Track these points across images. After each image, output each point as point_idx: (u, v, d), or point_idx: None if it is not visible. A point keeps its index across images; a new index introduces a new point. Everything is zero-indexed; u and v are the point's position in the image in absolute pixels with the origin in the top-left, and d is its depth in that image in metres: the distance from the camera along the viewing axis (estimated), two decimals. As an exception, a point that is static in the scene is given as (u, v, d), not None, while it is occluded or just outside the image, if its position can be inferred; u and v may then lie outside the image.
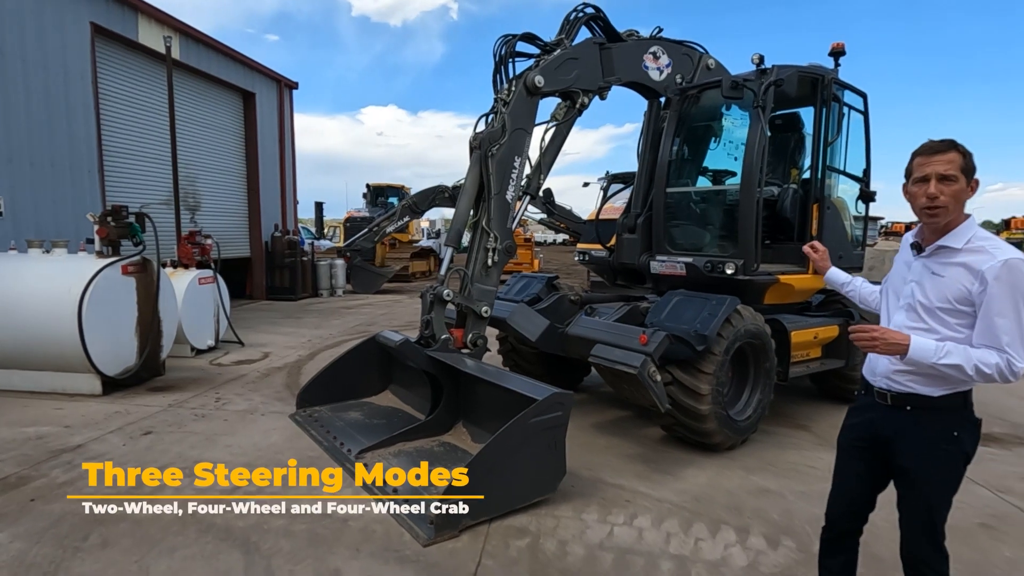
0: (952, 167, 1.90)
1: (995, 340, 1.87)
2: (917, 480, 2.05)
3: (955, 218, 1.96)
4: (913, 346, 1.89)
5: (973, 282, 1.90)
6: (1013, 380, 1.90)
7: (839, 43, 5.24)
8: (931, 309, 1.98)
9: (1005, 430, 5.17)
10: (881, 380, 2.10)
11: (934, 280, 1.98)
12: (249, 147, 12.91)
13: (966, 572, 2.95)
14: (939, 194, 1.91)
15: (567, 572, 2.92)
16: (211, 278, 7.69)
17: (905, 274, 2.11)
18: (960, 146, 1.94)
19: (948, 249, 1.97)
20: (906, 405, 2.04)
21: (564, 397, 3.52)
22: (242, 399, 5.68)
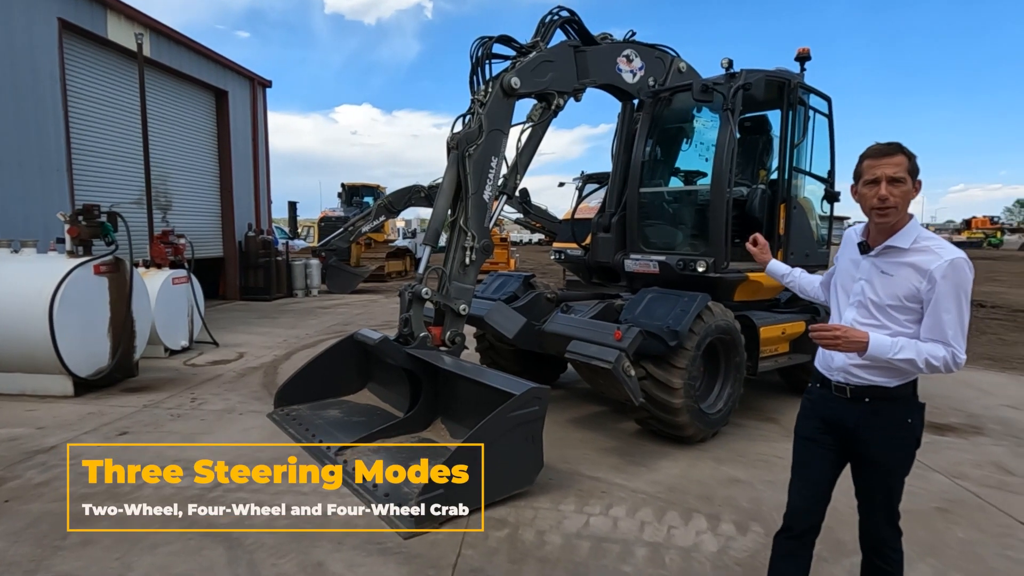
0: (900, 169, 2.00)
1: (941, 335, 1.98)
2: (881, 467, 2.15)
3: (902, 219, 2.06)
4: (872, 343, 1.98)
5: (921, 281, 1.99)
6: (955, 370, 2.02)
7: (804, 48, 5.42)
8: (882, 306, 2.08)
9: (962, 420, 5.40)
10: (839, 374, 2.17)
11: (884, 279, 2.08)
12: (222, 146, 12.76)
13: (922, 553, 3.11)
14: (889, 195, 1.99)
15: (545, 560, 3.01)
16: (185, 278, 7.62)
17: (854, 272, 2.19)
18: (906, 149, 2.04)
19: (896, 249, 2.06)
20: (865, 397, 2.12)
21: (541, 392, 3.61)
22: (219, 399, 5.66)
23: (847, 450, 2.22)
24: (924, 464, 4.35)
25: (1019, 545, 3.23)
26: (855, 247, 2.21)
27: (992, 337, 9.81)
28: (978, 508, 3.68)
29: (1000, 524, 3.47)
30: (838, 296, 2.27)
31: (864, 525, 2.26)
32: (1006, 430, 5.14)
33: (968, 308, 2.01)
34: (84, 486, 3.64)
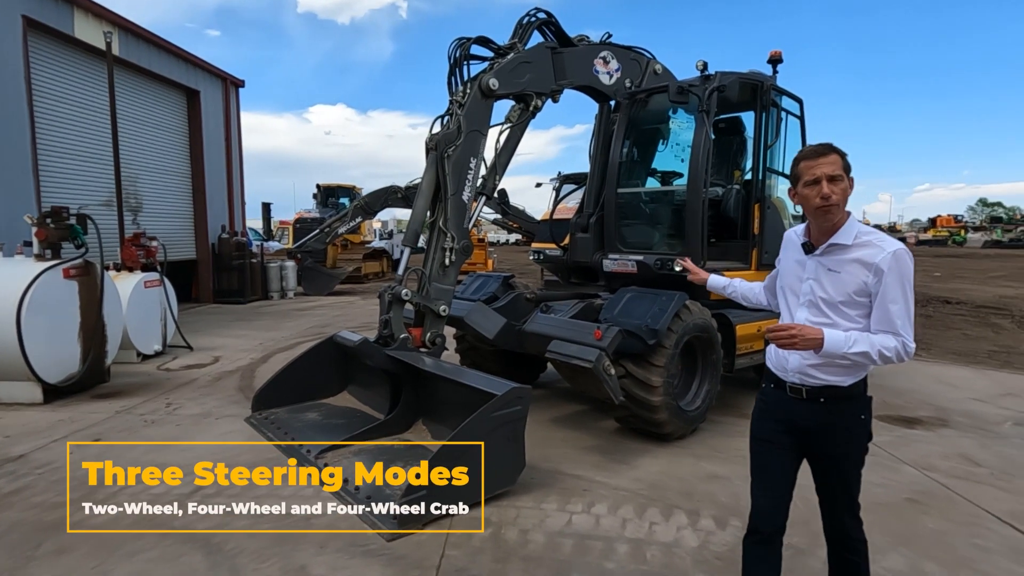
0: (836, 167, 2.05)
1: (891, 325, 2.02)
2: (839, 464, 2.19)
3: (842, 216, 2.10)
4: (827, 340, 2.00)
5: (868, 274, 2.03)
6: (907, 359, 2.06)
7: (776, 51, 5.54)
8: (833, 303, 2.10)
9: (931, 413, 5.55)
10: (794, 376, 2.19)
11: (831, 276, 2.10)
12: (194, 146, 12.55)
13: (894, 543, 3.20)
14: (831, 193, 2.03)
15: (529, 559, 3.03)
16: (157, 281, 7.48)
17: (800, 272, 2.22)
18: (837, 148, 2.10)
19: (839, 246, 2.10)
20: (820, 397, 2.15)
21: (523, 392, 3.63)
22: (194, 404, 5.57)
23: (804, 449, 2.25)
24: (895, 457, 4.48)
25: (987, 534, 3.34)
26: (798, 248, 2.24)
27: (957, 333, 10.10)
28: (947, 499, 3.79)
29: (968, 514, 3.58)
30: (787, 298, 2.30)
31: (829, 520, 2.30)
32: (972, 423, 5.30)
33: (912, 297, 2.06)
34: (58, 493, 3.57)
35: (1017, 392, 6.33)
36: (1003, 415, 5.52)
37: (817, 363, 2.12)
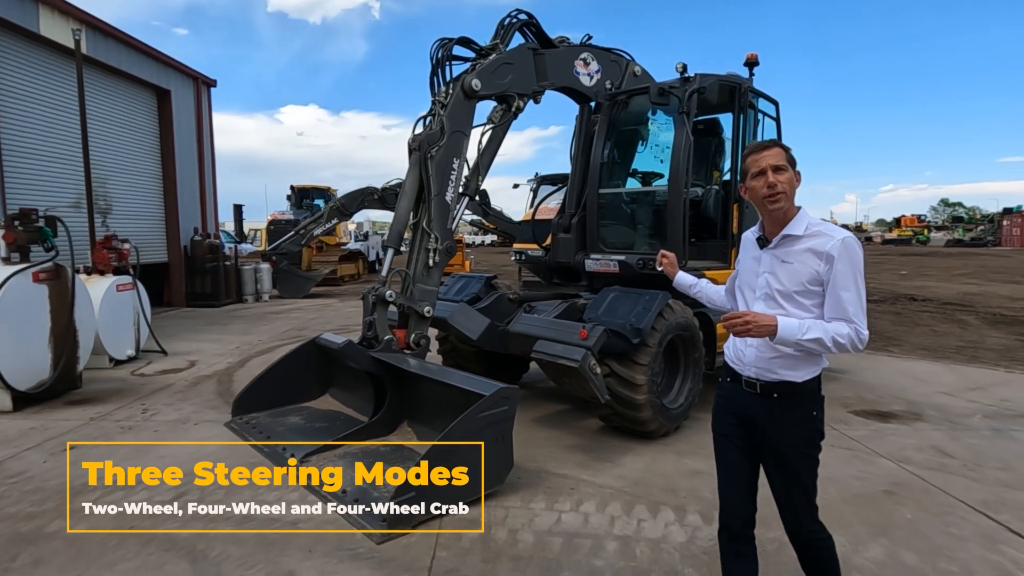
0: (781, 158, 2.11)
1: (843, 312, 2.05)
2: (792, 461, 2.18)
3: (790, 208, 2.14)
4: (781, 326, 2.02)
5: (820, 263, 2.06)
6: (861, 348, 2.08)
7: (753, 54, 5.63)
8: (788, 294, 2.13)
9: (902, 407, 5.70)
10: (750, 369, 2.21)
11: (785, 267, 2.13)
12: (165, 147, 12.30)
13: (874, 534, 3.29)
14: (777, 182, 2.09)
15: (519, 558, 3.03)
16: (130, 284, 7.32)
17: (756, 268, 2.25)
18: (781, 143, 2.18)
19: (792, 237, 2.14)
20: (773, 392, 2.17)
21: (510, 392, 3.64)
22: (171, 409, 5.46)
23: (756, 444, 2.26)
24: (871, 450, 4.59)
25: (960, 523, 3.44)
26: (754, 245, 2.28)
27: (925, 329, 10.38)
28: (922, 490, 3.90)
29: (942, 503, 3.69)
30: (744, 295, 2.33)
31: (788, 520, 2.26)
32: (943, 416, 5.46)
33: (863, 285, 2.09)
34: (33, 504, 3.48)
35: (984, 386, 6.53)
36: (971, 408, 5.69)
37: (773, 356, 2.15)
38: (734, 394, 2.29)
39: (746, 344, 2.22)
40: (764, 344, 2.15)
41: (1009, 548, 3.16)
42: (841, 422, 5.24)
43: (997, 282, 19.29)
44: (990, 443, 4.77)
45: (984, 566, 2.99)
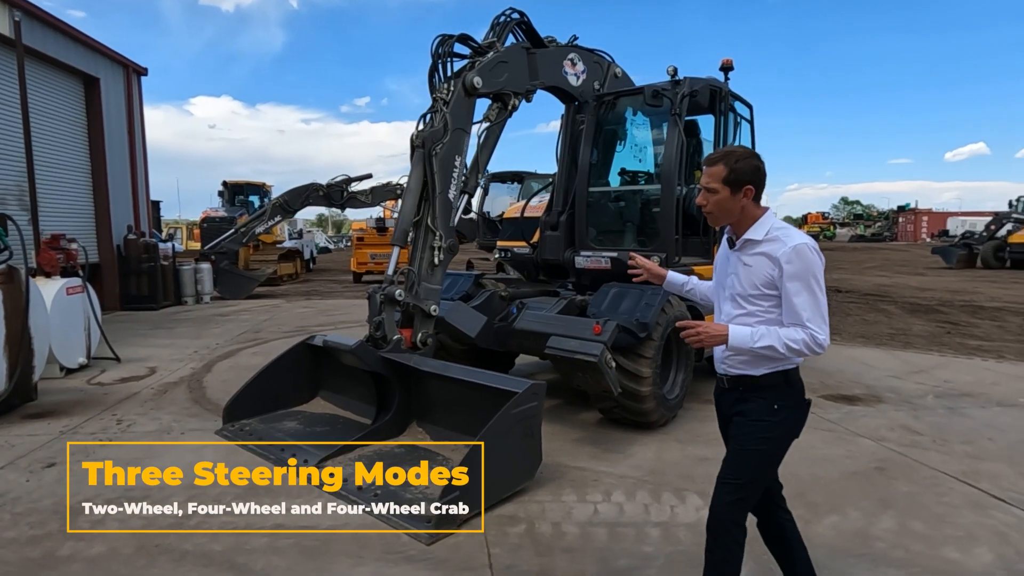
0: (714, 180, 2.18)
1: (797, 318, 2.09)
2: (736, 446, 2.27)
3: (745, 216, 2.20)
4: (731, 335, 2.10)
5: (773, 268, 2.12)
6: (820, 352, 2.11)
7: (728, 59, 5.91)
8: (746, 296, 2.20)
9: (862, 391, 6.17)
10: (719, 366, 2.32)
11: (745, 270, 2.21)
12: (94, 139, 11.44)
13: (882, 507, 3.57)
14: (704, 203, 2.22)
15: (569, 550, 3.10)
16: (80, 287, 6.80)
17: (726, 267, 2.33)
18: (731, 158, 2.19)
19: (752, 241, 2.20)
20: (738, 386, 2.26)
21: (539, 387, 3.68)
22: (148, 419, 5.14)
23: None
24: (850, 431, 4.95)
25: (950, 493, 3.79)
26: (725, 244, 2.37)
27: (857, 319, 11.21)
28: (906, 465, 4.25)
29: (928, 476, 4.05)
30: (718, 293, 2.41)
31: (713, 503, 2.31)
32: (899, 397, 5.95)
33: (821, 290, 2.11)
34: (32, 526, 3.21)
35: (925, 369, 7.15)
36: (921, 390, 6.23)
37: (730, 353, 2.24)
38: (717, 391, 2.42)
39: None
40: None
41: (998, 513, 3.51)
42: (815, 406, 5.57)
43: (904, 274, 21.06)
44: (947, 420, 5.24)
45: (983, 530, 3.31)
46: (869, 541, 3.20)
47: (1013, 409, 5.55)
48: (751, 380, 2.23)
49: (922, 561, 2.99)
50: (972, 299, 13.99)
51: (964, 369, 7.15)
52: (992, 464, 4.24)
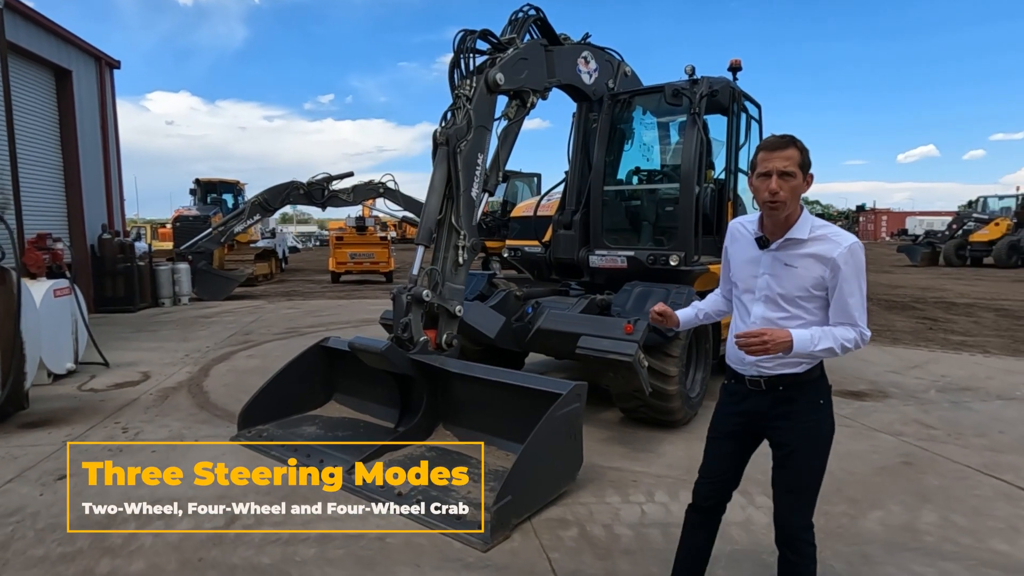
0: (791, 163, 2.03)
1: (849, 317, 2.07)
2: (798, 453, 2.18)
3: (792, 212, 2.10)
4: (795, 341, 2.02)
5: (825, 269, 2.05)
6: (863, 347, 2.16)
7: (737, 60, 5.95)
8: (791, 298, 2.12)
9: (868, 387, 6.30)
10: (751, 368, 2.20)
11: (788, 271, 2.11)
12: (66, 134, 10.94)
13: (920, 501, 3.63)
14: (779, 189, 2.03)
15: (629, 552, 3.06)
16: (67, 289, 6.49)
17: (754, 269, 2.20)
18: (799, 142, 2.08)
19: (795, 241, 2.11)
20: (778, 386, 2.18)
21: (581, 388, 3.63)
22: (156, 426, 4.92)
23: (757, 440, 2.35)
24: (867, 426, 5.04)
25: (979, 486, 3.87)
26: (751, 243, 2.23)
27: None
28: (929, 459, 4.34)
29: (954, 470, 4.13)
30: (741, 295, 2.29)
31: (780, 515, 2.24)
32: (904, 392, 6.09)
33: (866, 287, 2.11)
34: (59, 542, 3.03)
35: (919, 364, 7.35)
36: (922, 384, 6.39)
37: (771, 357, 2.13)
38: (739, 394, 2.29)
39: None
40: None
41: (1030, 504, 3.61)
42: (826, 402, 5.70)
43: (873, 272, 21.64)
44: (955, 414, 5.38)
45: (1022, 522, 3.39)
46: (918, 535, 3.24)
47: (1014, 402, 5.73)
48: (794, 378, 2.16)
49: (974, 554, 3.05)
50: (943, 296, 14.49)
51: (956, 364, 7.36)
52: (1010, 457, 4.36)
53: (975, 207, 24.25)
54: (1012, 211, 23.00)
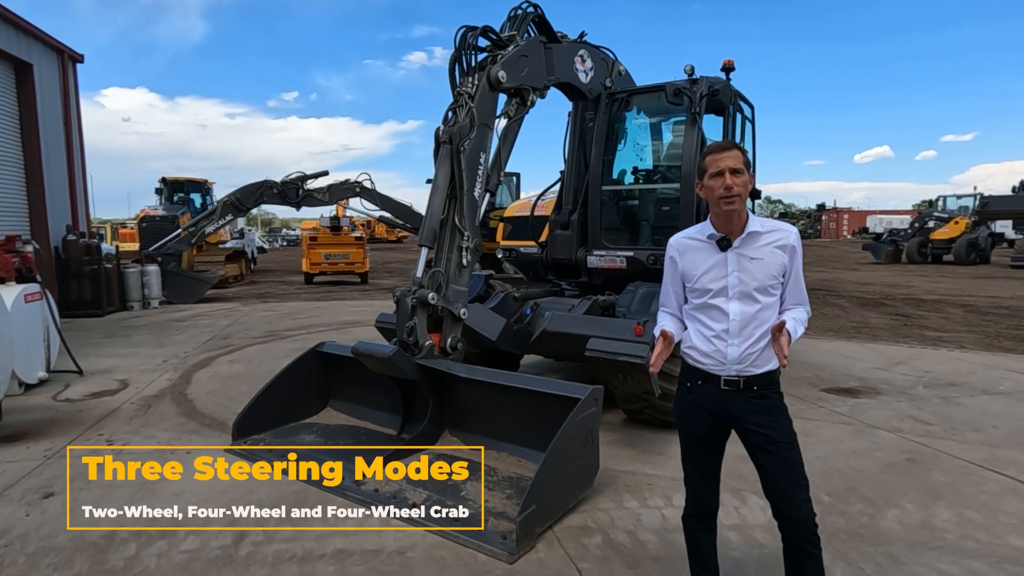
0: (738, 161, 2.18)
1: (802, 297, 2.28)
2: (784, 445, 2.23)
3: (743, 209, 2.22)
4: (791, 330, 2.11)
5: (785, 256, 2.21)
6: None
7: (729, 60, 5.96)
8: (763, 288, 2.21)
9: (858, 384, 6.38)
10: (731, 368, 2.22)
11: (756, 263, 2.20)
12: (27, 131, 10.44)
13: (930, 498, 3.66)
14: (734, 184, 2.15)
15: (657, 559, 3.00)
16: (38, 294, 6.15)
17: (720, 271, 2.24)
18: (739, 145, 2.29)
19: (756, 234, 2.23)
20: (753, 386, 2.23)
21: (598, 392, 3.57)
22: (142, 438, 4.69)
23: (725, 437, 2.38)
24: (865, 423, 5.09)
25: (985, 481, 3.93)
26: (707, 248, 2.28)
27: (816, 312, 11.67)
28: (932, 455, 4.39)
29: (958, 466, 4.19)
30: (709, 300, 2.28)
31: (789, 510, 2.24)
32: (894, 388, 6.19)
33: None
34: (57, 567, 2.83)
35: (902, 360, 7.49)
36: (909, 381, 6.51)
37: (761, 351, 2.20)
38: (709, 396, 2.29)
39: (727, 343, 2.23)
40: (749, 341, 2.20)
41: (1036, 499, 3.67)
42: (821, 400, 5.76)
43: (840, 270, 22.22)
44: (947, 410, 5.48)
45: (1033, 516, 3.45)
46: (937, 533, 3.26)
47: (999, 397, 5.87)
48: (770, 376, 2.24)
49: (995, 551, 3.07)
50: (910, 292, 14.90)
51: (937, 360, 7.53)
52: (1008, 451, 4.44)
53: (935, 206, 25.06)
54: (970, 210, 23.85)
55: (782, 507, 2.27)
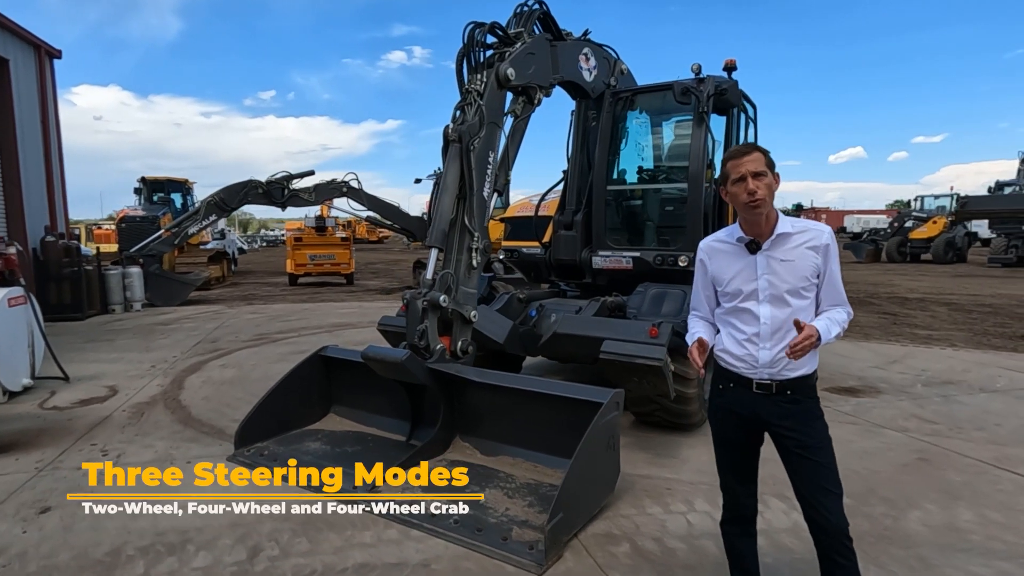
0: (760, 164, 2.14)
1: (840, 298, 2.22)
2: (819, 454, 2.19)
3: (772, 210, 2.18)
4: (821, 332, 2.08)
5: (818, 256, 2.16)
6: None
7: (731, 60, 5.94)
8: (795, 290, 2.16)
9: (858, 383, 6.41)
10: (764, 371, 2.20)
11: (786, 266, 2.16)
12: (3, 128, 10.08)
13: (953, 498, 3.65)
14: (756, 188, 2.11)
15: (689, 567, 2.95)
16: (22, 298, 5.91)
17: (750, 274, 2.22)
18: (760, 147, 2.22)
19: (785, 236, 2.19)
20: (787, 390, 2.20)
21: (619, 396, 3.52)
22: (139, 447, 4.51)
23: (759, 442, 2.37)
24: (872, 423, 5.10)
25: (999, 480, 3.94)
26: (736, 251, 2.26)
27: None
28: (943, 455, 4.40)
29: (970, 465, 4.20)
30: (740, 304, 2.26)
31: (818, 517, 2.20)
32: (893, 387, 6.23)
33: None
34: None
35: (897, 359, 7.56)
36: (907, 379, 6.55)
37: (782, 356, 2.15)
38: (741, 399, 2.28)
39: (758, 347, 2.20)
40: (781, 344, 2.15)
41: (1052, 498, 3.68)
42: (823, 399, 5.70)
43: (823, 268, 22.49)
44: (949, 408, 5.51)
45: (1052, 516, 3.45)
46: (963, 535, 3.24)
47: (997, 395, 5.93)
48: (804, 380, 2.21)
49: (1023, 551, 3.06)
50: (893, 291, 15.12)
51: (931, 358, 7.61)
52: (1015, 449, 4.47)
53: (914, 206, 25.51)
54: (948, 210, 24.31)
55: (812, 514, 2.24)
